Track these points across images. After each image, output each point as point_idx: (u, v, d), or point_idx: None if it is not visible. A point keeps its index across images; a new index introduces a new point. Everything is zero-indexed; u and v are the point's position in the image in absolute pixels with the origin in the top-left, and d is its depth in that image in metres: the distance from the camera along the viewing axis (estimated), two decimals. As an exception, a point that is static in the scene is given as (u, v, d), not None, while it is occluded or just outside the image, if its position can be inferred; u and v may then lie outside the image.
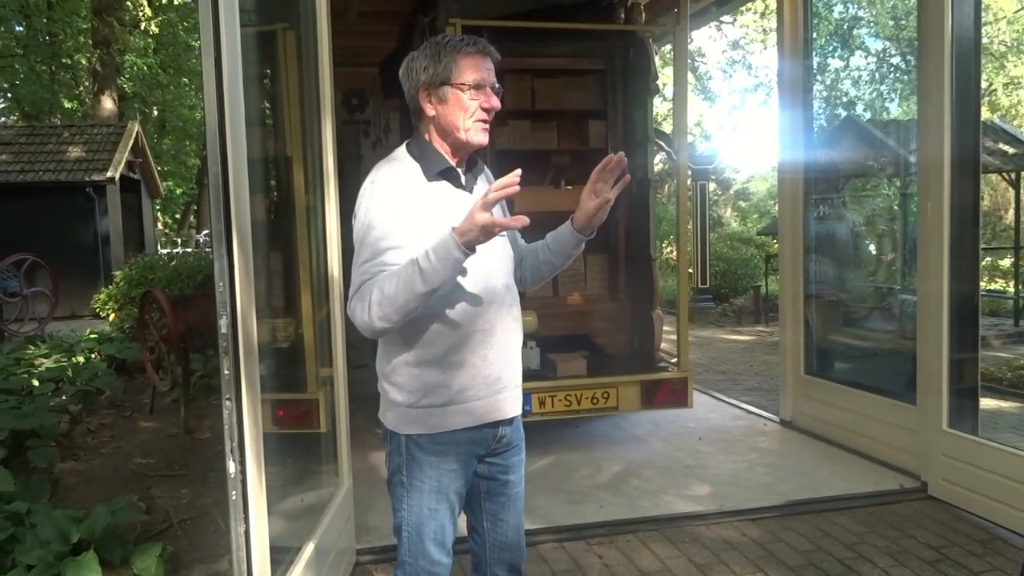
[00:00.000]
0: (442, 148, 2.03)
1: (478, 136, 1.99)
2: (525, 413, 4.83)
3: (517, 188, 1.72)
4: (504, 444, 2.15)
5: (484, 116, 1.99)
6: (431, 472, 2.03)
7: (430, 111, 2.00)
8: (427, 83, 1.98)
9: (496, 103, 2.00)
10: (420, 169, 1.99)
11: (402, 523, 2.06)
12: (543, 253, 2.23)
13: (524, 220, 1.76)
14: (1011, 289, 12.68)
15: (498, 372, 2.05)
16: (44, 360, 7.79)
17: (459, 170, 2.04)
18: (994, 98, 20.08)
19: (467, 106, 1.96)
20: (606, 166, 2.00)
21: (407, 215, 1.91)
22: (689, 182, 10.92)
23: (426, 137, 2.04)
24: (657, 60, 6.03)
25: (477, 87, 1.96)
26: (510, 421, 2.13)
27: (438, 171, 2.00)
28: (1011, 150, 10.82)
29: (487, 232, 1.75)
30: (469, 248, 1.77)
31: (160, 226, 27.96)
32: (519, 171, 1.73)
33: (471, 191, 2.06)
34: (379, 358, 2.09)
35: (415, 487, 2.03)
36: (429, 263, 1.77)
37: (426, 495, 2.03)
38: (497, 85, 2.01)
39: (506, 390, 2.08)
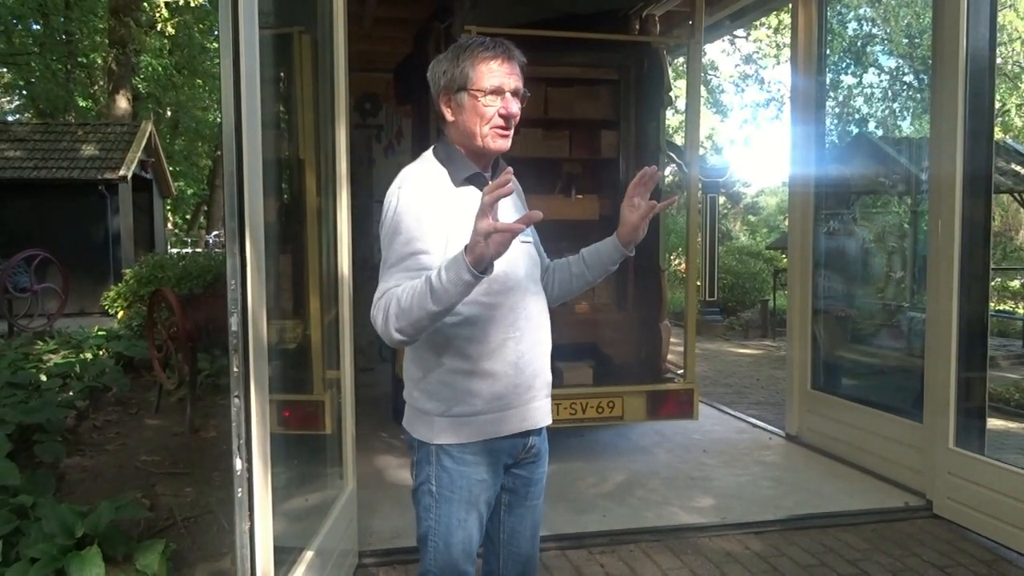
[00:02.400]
0: (466, 153, 1.99)
1: (496, 143, 1.95)
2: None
3: (511, 187, 1.64)
4: (532, 455, 2.12)
5: (500, 123, 1.93)
6: (462, 483, 1.99)
7: (450, 116, 1.97)
8: (446, 88, 1.95)
9: (514, 110, 1.94)
10: (447, 174, 1.96)
11: (429, 533, 2.03)
12: (576, 267, 2.17)
13: (536, 215, 1.68)
14: (1020, 310, 12.64)
15: (530, 381, 2.02)
16: (52, 356, 7.83)
17: (486, 175, 2.01)
18: (1007, 119, 20.03)
19: (483, 112, 1.92)
20: (641, 179, 2.02)
21: (434, 219, 1.87)
22: (699, 195, 10.92)
23: (452, 136, 2.01)
24: (670, 72, 6.04)
25: (495, 92, 1.91)
26: (540, 431, 2.11)
27: (465, 176, 1.96)
28: (1023, 171, 10.79)
29: (496, 242, 1.63)
30: (480, 268, 1.65)
31: (170, 226, 28.08)
32: (510, 169, 1.68)
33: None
34: (407, 365, 2.05)
35: (444, 497, 2.00)
36: (440, 282, 1.70)
37: (456, 505, 2.00)
38: (523, 91, 1.96)
39: (537, 399, 2.06)
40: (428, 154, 2.03)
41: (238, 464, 2.09)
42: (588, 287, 2.23)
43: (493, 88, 1.91)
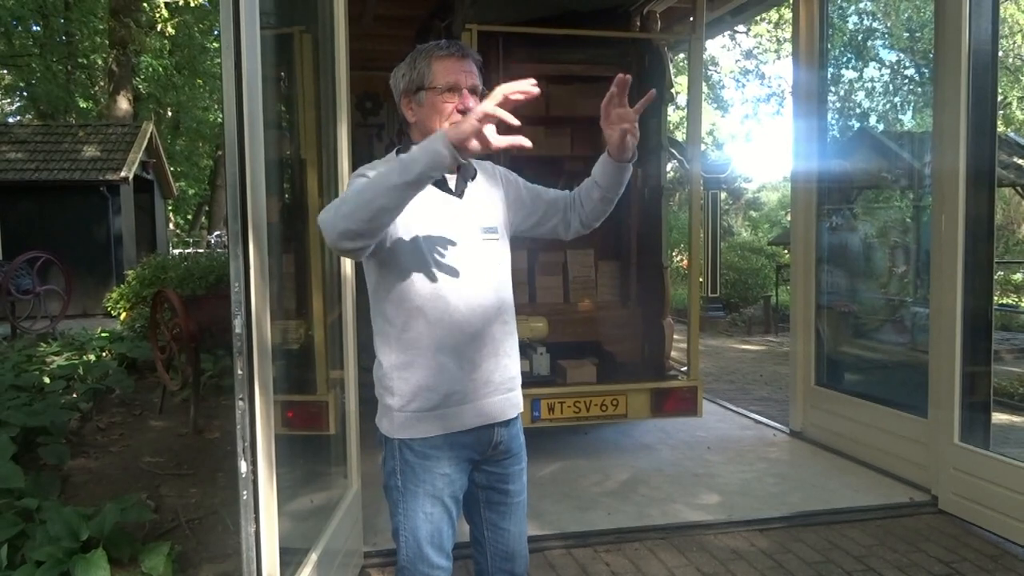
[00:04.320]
0: None
1: None
2: (534, 419, 4.83)
3: (536, 91, 1.67)
4: (501, 451, 2.13)
5: (459, 119, 1.93)
6: (424, 476, 2.02)
7: (411, 117, 2.04)
8: (406, 90, 2.02)
9: (471, 105, 1.95)
10: None
11: (399, 527, 2.06)
12: (596, 191, 2.14)
13: (526, 143, 1.68)
14: (1023, 303, 12.62)
15: (487, 375, 2.04)
16: (56, 358, 7.84)
17: (446, 174, 2.02)
18: (1008, 112, 20.00)
19: (441, 109, 1.97)
20: (611, 99, 1.98)
21: None
22: (701, 191, 10.91)
23: (416, 138, 2.04)
24: (671, 68, 6.03)
25: (451, 90, 1.96)
26: (505, 424, 2.11)
27: None
28: (1025, 164, 10.78)
29: (482, 123, 1.63)
30: (457, 147, 1.65)
31: (172, 226, 28.11)
32: (534, 81, 1.66)
33: (461, 195, 2.05)
34: (375, 364, 2.09)
35: (410, 491, 2.03)
36: (410, 154, 1.71)
37: (421, 499, 2.03)
38: (481, 88, 2.00)
39: (496, 393, 2.07)
40: (391, 155, 2.08)
41: (243, 467, 2.09)
42: (615, 202, 2.17)
43: (449, 85, 1.97)
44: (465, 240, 2.02)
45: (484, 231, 2.08)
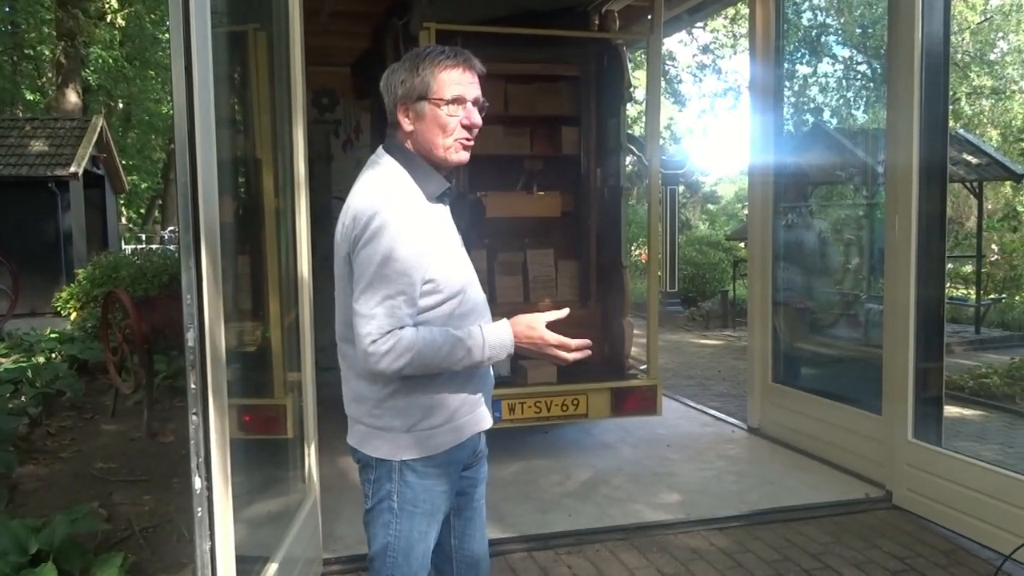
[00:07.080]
0: (428, 163, 1.95)
1: (457, 155, 1.92)
2: (495, 420, 4.81)
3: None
4: (478, 456, 2.15)
5: (465, 134, 1.91)
6: (425, 496, 1.98)
7: (407, 126, 1.91)
8: (404, 97, 1.89)
9: (477, 120, 1.91)
10: (419, 189, 1.91)
11: (387, 548, 1.98)
12: None
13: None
14: (972, 296, 12.91)
15: (479, 385, 2.04)
16: (3, 360, 7.64)
17: (452, 186, 2.01)
18: (957, 107, 20.41)
19: (445, 123, 1.88)
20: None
21: (422, 243, 1.84)
22: (660, 186, 10.98)
23: (409, 146, 1.94)
24: (629, 64, 6.03)
25: (456, 102, 1.88)
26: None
27: (438, 194, 1.95)
28: (974, 160, 11.01)
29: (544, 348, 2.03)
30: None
31: (124, 220, 27.55)
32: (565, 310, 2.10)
33: (446, 203, 2.04)
34: (359, 385, 1.96)
35: (407, 512, 1.97)
36: (483, 355, 1.90)
37: (418, 519, 1.98)
38: (482, 100, 1.94)
39: (485, 400, 2.09)
40: (391, 163, 1.94)
41: (197, 483, 2.03)
42: None
43: (455, 97, 1.88)
44: (460, 249, 2.03)
45: (461, 244, 2.08)
